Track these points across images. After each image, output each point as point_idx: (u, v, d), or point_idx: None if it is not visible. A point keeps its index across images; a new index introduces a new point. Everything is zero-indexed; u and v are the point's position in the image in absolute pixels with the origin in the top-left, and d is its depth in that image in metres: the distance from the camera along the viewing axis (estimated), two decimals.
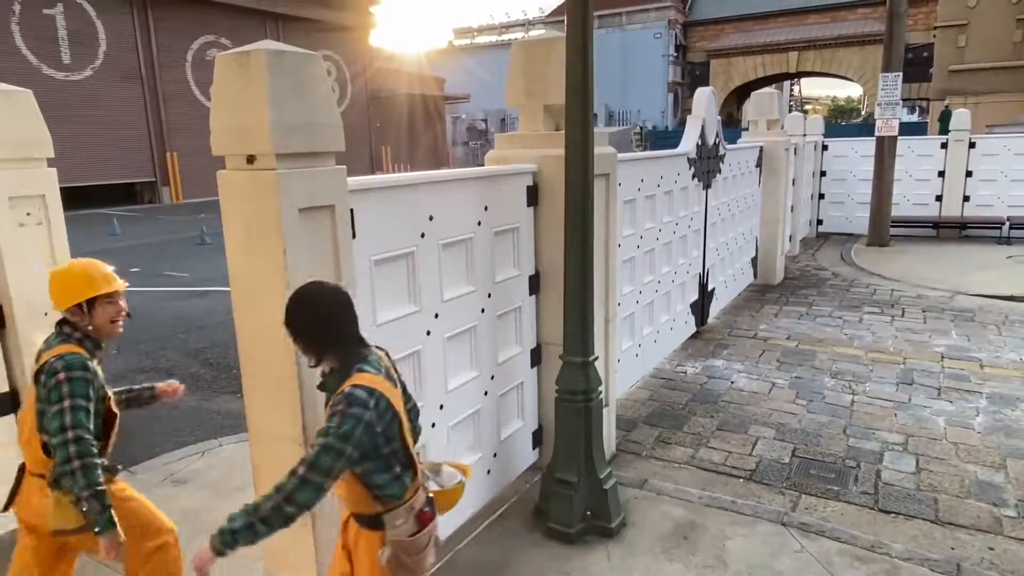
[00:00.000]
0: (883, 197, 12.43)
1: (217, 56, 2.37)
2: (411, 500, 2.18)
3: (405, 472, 2.16)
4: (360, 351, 2.14)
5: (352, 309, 2.15)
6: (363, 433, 1.98)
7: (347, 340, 2.13)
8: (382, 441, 2.05)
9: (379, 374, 2.10)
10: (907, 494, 4.12)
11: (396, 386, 2.17)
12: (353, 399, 1.98)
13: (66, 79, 23.42)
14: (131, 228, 18.57)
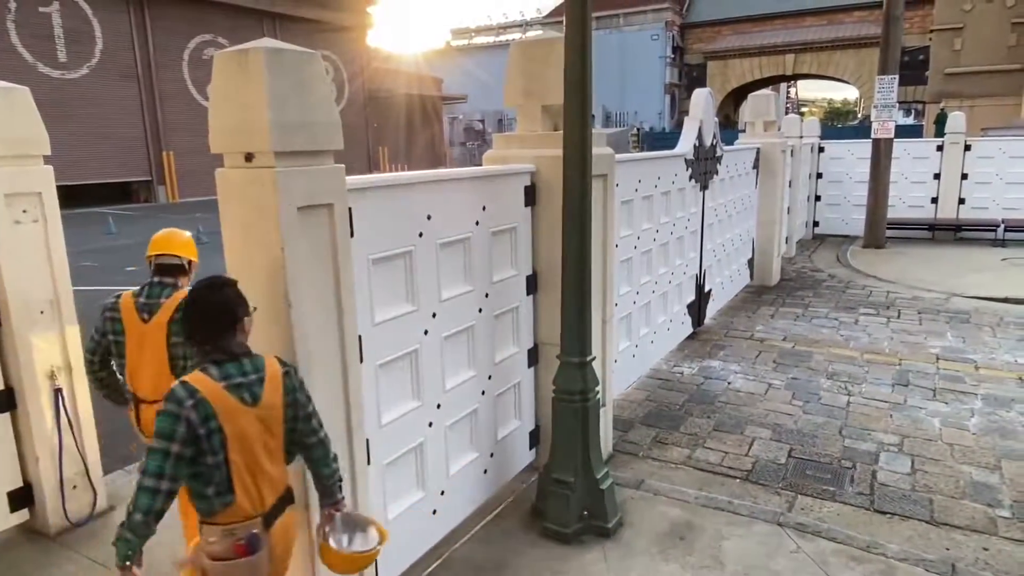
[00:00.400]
0: (879, 199, 12.46)
1: (216, 54, 2.37)
2: (229, 525, 2.09)
3: (219, 495, 2.07)
4: (220, 355, 2.08)
5: (227, 313, 2.10)
6: (185, 430, 1.95)
7: (207, 341, 2.09)
8: (206, 447, 2.00)
9: (220, 381, 2.03)
10: (902, 495, 4.13)
11: (252, 403, 2.08)
12: (169, 396, 1.98)
13: (62, 77, 23.35)
14: (127, 227, 18.51)
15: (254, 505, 2.14)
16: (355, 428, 2.77)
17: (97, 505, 3.95)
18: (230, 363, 2.10)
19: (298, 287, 2.42)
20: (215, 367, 2.07)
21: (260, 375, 2.14)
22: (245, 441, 2.08)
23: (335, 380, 2.66)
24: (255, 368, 2.14)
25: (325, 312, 2.58)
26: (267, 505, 2.17)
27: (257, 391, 2.11)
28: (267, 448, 2.15)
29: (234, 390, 2.07)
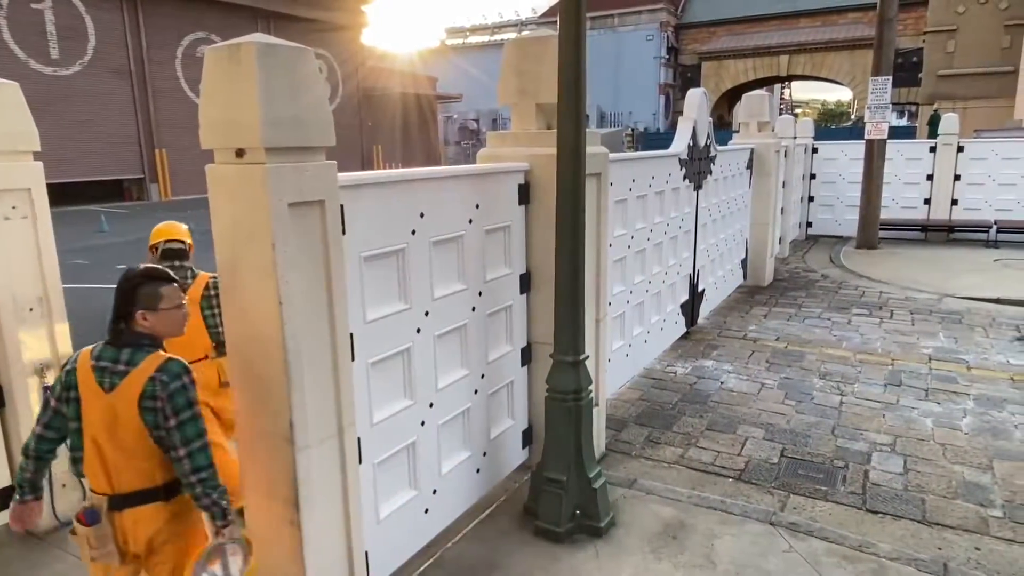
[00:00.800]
0: (872, 200, 12.50)
1: (207, 49, 2.35)
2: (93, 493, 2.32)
3: (76, 461, 2.34)
4: (109, 337, 2.31)
5: (125, 303, 2.28)
6: (60, 389, 2.29)
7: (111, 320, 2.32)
8: (68, 411, 2.30)
9: (92, 360, 2.27)
10: (895, 494, 4.14)
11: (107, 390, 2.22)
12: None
13: (54, 74, 23.21)
14: (119, 225, 18.42)
15: (98, 484, 2.29)
16: (346, 427, 2.75)
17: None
18: (111, 347, 2.28)
19: (289, 284, 2.40)
20: (101, 346, 2.30)
21: (128, 369, 2.23)
22: (91, 422, 2.25)
23: (326, 378, 2.64)
24: (129, 361, 2.24)
25: (316, 310, 2.56)
26: (114, 489, 2.28)
27: (116, 381, 2.23)
28: (117, 437, 2.24)
29: (98, 372, 2.24)
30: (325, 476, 2.68)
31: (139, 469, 2.28)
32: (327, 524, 2.72)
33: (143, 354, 2.24)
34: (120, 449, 2.24)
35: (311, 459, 2.59)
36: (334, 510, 2.76)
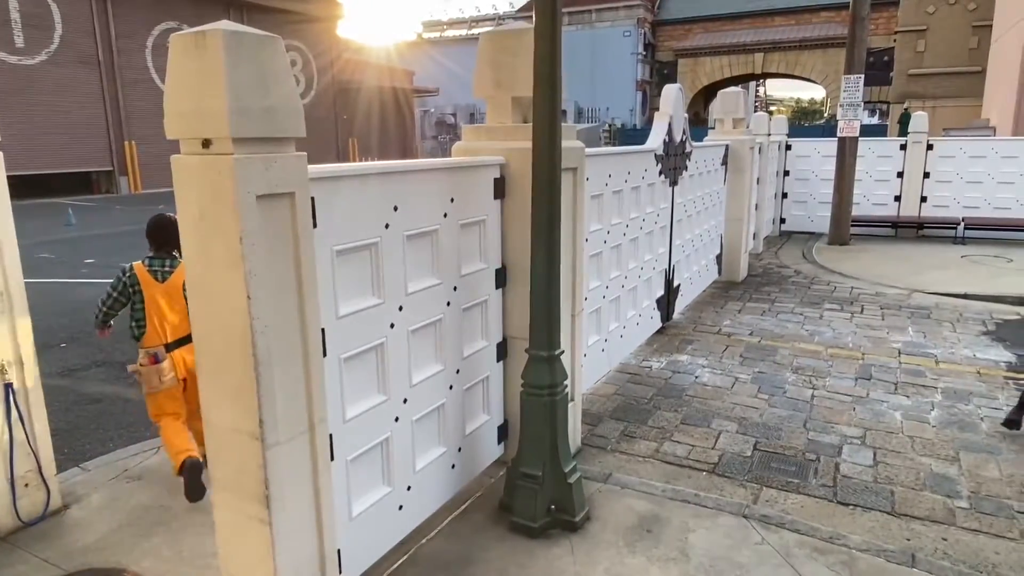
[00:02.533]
0: (844, 197, 12.69)
1: (173, 36, 2.28)
2: (148, 348, 3.93)
3: (140, 328, 3.97)
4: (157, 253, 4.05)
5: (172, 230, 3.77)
6: (121, 287, 3.98)
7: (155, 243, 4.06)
8: (135, 299, 3.97)
9: (147, 265, 3.98)
10: (865, 486, 4.20)
11: (161, 280, 3.97)
12: (120, 270, 3.99)
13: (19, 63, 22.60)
14: (87, 218, 18.01)
15: (158, 338, 3.94)
16: (318, 423, 2.71)
17: (50, 504, 3.81)
18: (157, 259, 4.02)
19: (258, 278, 2.35)
20: (149, 259, 4.00)
21: (172, 269, 4.00)
22: (153, 299, 3.94)
23: (297, 374, 2.60)
24: (172, 265, 4.01)
25: (286, 304, 2.51)
26: (169, 339, 3.96)
27: (168, 275, 3.99)
28: (173, 307, 3.97)
29: (152, 273, 3.98)
30: (296, 473, 2.64)
31: (182, 325, 3.93)
32: (298, 522, 2.68)
33: (177, 261, 4.01)
34: (174, 312, 3.96)
35: (281, 456, 2.54)
36: (305, 508, 2.71)
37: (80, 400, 5.75)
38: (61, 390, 5.85)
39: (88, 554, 3.48)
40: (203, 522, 3.66)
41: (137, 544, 3.56)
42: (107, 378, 6.28)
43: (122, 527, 3.72)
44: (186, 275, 2.49)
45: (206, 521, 3.63)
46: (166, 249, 4.04)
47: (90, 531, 3.68)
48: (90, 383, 6.15)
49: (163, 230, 4.00)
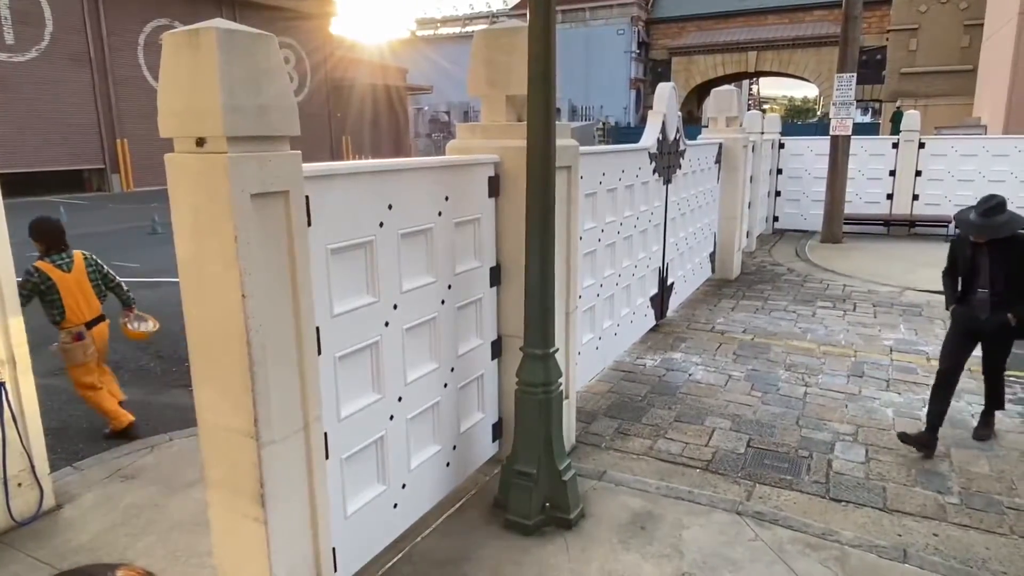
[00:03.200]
0: (837, 195, 12.74)
1: (166, 34, 2.27)
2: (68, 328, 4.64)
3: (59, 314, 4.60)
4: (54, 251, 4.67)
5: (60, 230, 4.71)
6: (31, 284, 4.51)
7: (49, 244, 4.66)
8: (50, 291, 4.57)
9: (49, 262, 4.58)
10: (857, 483, 4.23)
11: (67, 271, 4.61)
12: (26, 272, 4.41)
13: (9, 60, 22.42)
14: (79, 217, 17.90)
15: (79, 318, 4.65)
16: (312, 422, 2.71)
17: (43, 503, 3.80)
18: (56, 253, 4.63)
19: (252, 277, 2.35)
20: (48, 257, 4.59)
21: (71, 259, 4.67)
22: (68, 288, 4.58)
23: (292, 373, 2.60)
24: (70, 256, 4.68)
25: (281, 303, 2.51)
26: (87, 318, 4.71)
27: (70, 266, 4.65)
28: (84, 290, 4.69)
29: (56, 266, 4.58)
30: (291, 472, 2.64)
31: (95, 305, 4.80)
32: (293, 520, 2.68)
33: (71, 252, 4.71)
34: (85, 296, 4.69)
35: (276, 455, 2.54)
36: (300, 506, 2.72)
37: (73, 399, 5.70)
38: (54, 389, 5.82)
39: (81, 553, 3.47)
40: (197, 521, 3.66)
41: (131, 544, 3.55)
42: None
43: (115, 526, 3.71)
44: (180, 274, 2.48)
45: (200, 520, 3.62)
46: (57, 246, 4.65)
47: (83, 530, 3.67)
48: None
49: (51, 231, 4.64)
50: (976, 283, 4.46)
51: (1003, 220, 4.26)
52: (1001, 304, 4.36)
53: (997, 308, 4.39)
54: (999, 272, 4.34)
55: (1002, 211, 4.26)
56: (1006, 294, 4.35)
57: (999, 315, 4.37)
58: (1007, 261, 4.33)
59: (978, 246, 4.41)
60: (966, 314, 4.55)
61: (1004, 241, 4.27)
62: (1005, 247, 4.30)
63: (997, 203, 4.27)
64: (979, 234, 4.31)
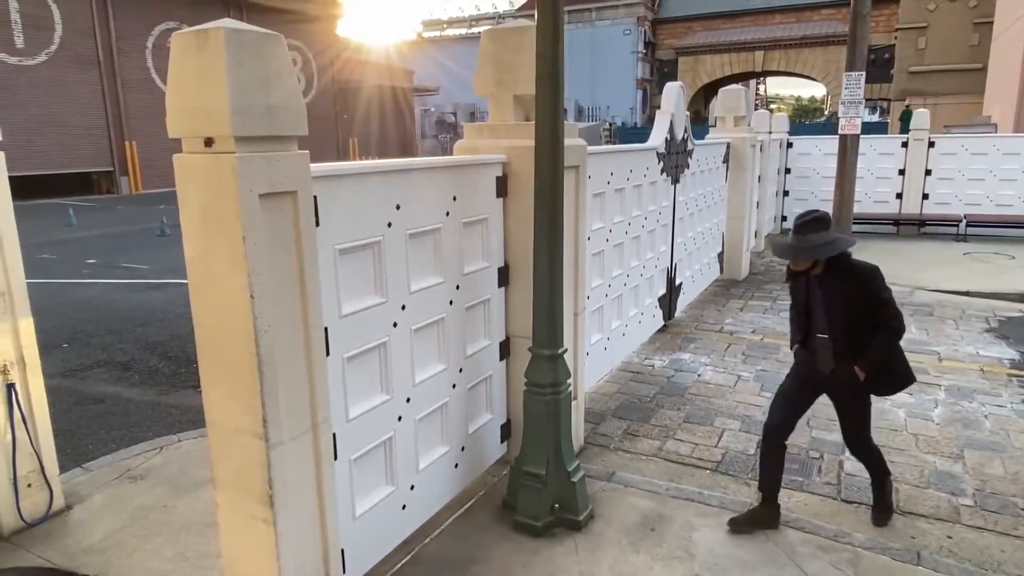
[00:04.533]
0: (845, 194, 12.62)
1: (174, 34, 2.27)
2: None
3: None
4: None
5: None
6: None
7: None
8: None
9: None
10: (869, 484, 4.17)
11: None
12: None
13: (19, 64, 22.58)
14: (88, 219, 18.01)
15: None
16: (321, 423, 2.70)
17: (53, 504, 3.81)
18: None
19: (260, 278, 2.34)
20: None
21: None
22: None
23: (300, 373, 2.59)
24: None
25: (289, 303, 2.50)
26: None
27: None
28: None
29: None
30: (299, 473, 2.63)
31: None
32: (301, 522, 2.67)
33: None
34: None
35: (285, 456, 2.53)
36: (309, 507, 2.71)
37: (82, 400, 5.75)
38: (63, 390, 5.85)
39: (91, 554, 3.47)
40: (206, 523, 3.66)
41: (140, 544, 3.55)
42: (109, 378, 6.27)
43: (125, 527, 3.71)
44: (188, 273, 2.48)
45: (209, 521, 3.62)
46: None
47: (93, 531, 3.68)
48: (92, 383, 6.14)
49: None
50: (814, 325, 3.55)
51: (821, 240, 3.33)
52: (849, 352, 3.43)
53: (843, 358, 3.45)
54: (835, 312, 3.43)
55: (821, 228, 3.35)
56: (848, 340, 3.42)
57: (846, 367, 3.43)
58: (841, 297, 3.39)
59: (812, 278, 3.48)
60: (808, 360, 3.63)
61: (838, 271, 3.39)
62: (839, 279, 3.39)
63: (814, 218, 3.37)
64: (787, 257, 3.45)
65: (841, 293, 3.40)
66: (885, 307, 3.37)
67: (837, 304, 3.42)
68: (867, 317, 3.38)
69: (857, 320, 3.39)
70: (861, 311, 3.38)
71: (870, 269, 3.43)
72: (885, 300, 3.38)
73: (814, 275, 3.46)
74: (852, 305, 3.39)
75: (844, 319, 3.41)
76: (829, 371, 3.53)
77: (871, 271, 3.42)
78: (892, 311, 3.38)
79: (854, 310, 3.39)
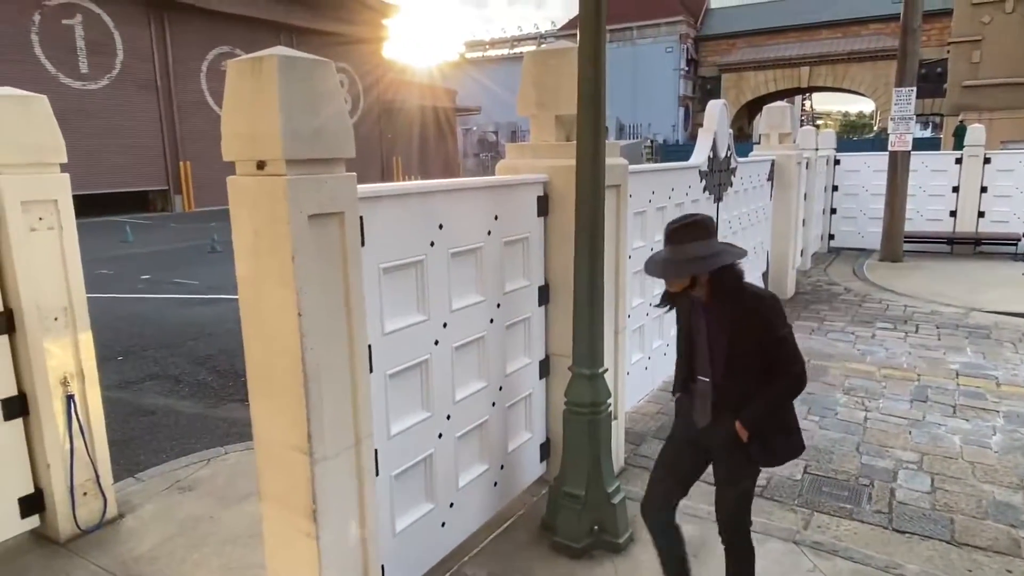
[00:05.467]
0: (896, 212, 12.33)
1: (230, 61, 2.37)
2: None
3: None
4: None
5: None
6: None
7: None
8: None
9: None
10: (922, 514, 4.04)
11: None
12: None
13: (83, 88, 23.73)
14: (143, 236, 18.72)
15: None
16: (363, 439, 2.74)
17: (107, 512, 3.94)
18: None
19: (308, 296, 2.41)
20: None
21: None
22: None
23: (344, 390, 2.64)
24: None
25: (334, 321, 2.56)
26: None
27: None
28: None
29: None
30: (342, 488, 2.67)
31: None
32: (343, 537, 2.70)
33: None
34: None
35: (328, 471, 2.58)
36: (350, 523, 2.74)
37: (135, 412, 5.94)
38: (117, 402, 6.06)
39: (142, 563, 3.57)
40: (251, 534, 3.73)
41: (187, 555, 3.64)
42: (160, 391, 6.48)
43: (173, 537, 3.81)
44: (239, 291, 2.56)
45: (253, 533, 3.70)
46: None
47: (143, 540, 3.79)
48: (145, 395, 6.35)
49: None
50: (695, 364, 2.79)
51: (699, 252, 2.56)
52: (731, 403, 2.66)
53: (722, 410, 2.69)
54: (717, 348, 2.65)
55: (699, 235, 2.58)
56: (732, 386, 2.65)
57: (725, 422, 2.67)
58: (725, 330, 2.62)
59: (696, 303, 2.74)
60: (687, 412, 2.89)
61: (724, 295, 2.62)
62: (723, 306, 2.63)
63: (691, 222, 2.62)
64: (654, 274, 2.74)
65: (725, 324, 2.62)
66: (782, 348, 2.58)
67: (719, 338, 2.64)
68: (760, 359, 2.59)
69: (746, 361, 2.60)
70: (751, 350, 2.58)
71: (765, 296, 2.68)
72: (782, 339, 2.58)
73: (698, 299, 2.71)
74: (738, 340, 2.59)
75: (727, 358, 2.63)
76: (704, 424, 2.76)
77: (766, 299, 2.65)
78: (790, 354, 2.59)
79: (740, 347, 2.59)
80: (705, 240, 2.59)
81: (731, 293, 2.62)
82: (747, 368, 2.61)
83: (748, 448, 2.66)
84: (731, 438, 2.66)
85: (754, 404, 2.61)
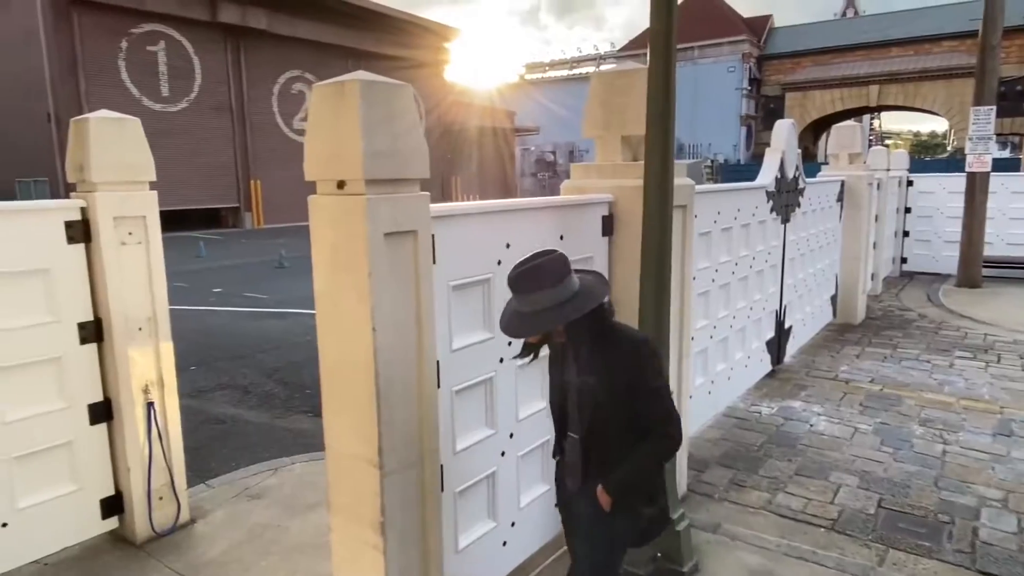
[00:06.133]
0: (974, 236, 11.76)
1: (315, 85, 2.47)
2: None
3: None
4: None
5: None
6: None
7: None
8: None
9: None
10: (1009, 556, 3.79)
11: None
12: None
13: (163, 110, 25.07)
14: (216, 251, 19.52)
15: None
16: (429, 453, 2.77)
17: (180, 517, 4.09)
18: None
19: (382, 312, 2.47)
20: None
21: None
22: None
23: (412, 405, 2.68)
24: None
25: (406, 337, 2.61)
26: None
27: None
28: None
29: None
30: (408, 502, 2.70)
31: None
32: (408, 550, 2.73)
33: None
34: None
35: (396, 484, 2.62)
36: (415, 537, 2.77)
37: (207, 420, 6.17)
38: (190, 410, 6.29)
39: (212, 567, 3.69)
40: (317, 544, 3.81)
41: (255, 562, 3.74)
42: (231, 400, 6.71)
43: (242, 544, 3.92)
44: (316, 306, 2.64)
45: (319, 543, 3.77)
46: None
47: (214, 546, 3.91)
48: (216, 404, 6.59)
49: None
50: (568, 419, 2.46)
51: (550, 301, 2.21)
52: (601, 461, 2.35)
53: (591, 473, 2.38)
54: (586, 401, 2.33)
55: (545, 281, 2.23)
56: (601, 441, 2.34)
57: (593, 486, 2.35)
58: (592, 380, 2.30)
59: (565, 349, 2.42)
60: (560, 475, 2.59)
61: (592, 340, 2.31)
62: (595, 351, 2.30)
63: (531, 267, 2.27)
64: (507, 333, 2.34)
65: (594, 370, 2.29)
66: (654, 403, 2.27)
67: (586, 390, 2.32)
68: (629, 410, 2.27)
69: (616, 414, 2.28)
70: (621, 400, 2.26)
71: (637, 340, 2.34)
72: (654, 392, 2.27)
73: (566, 346, 2.39)
74: (606, 392, 2.27)
75: (592, 409, 2.31)
76: (573, 488, 2.46)
77: (637, 344, 2.32)
78: (664, 411, 2.28)
79: (609, 399, 2.27)
80: (553, 286, 2.21)
81: (599, 337, 2.30)
82: (616, 420, 2.29)
83: (613, 522, 2.35)
84: (597, 508, 2.33)
85: (621, 467, 2.29)
